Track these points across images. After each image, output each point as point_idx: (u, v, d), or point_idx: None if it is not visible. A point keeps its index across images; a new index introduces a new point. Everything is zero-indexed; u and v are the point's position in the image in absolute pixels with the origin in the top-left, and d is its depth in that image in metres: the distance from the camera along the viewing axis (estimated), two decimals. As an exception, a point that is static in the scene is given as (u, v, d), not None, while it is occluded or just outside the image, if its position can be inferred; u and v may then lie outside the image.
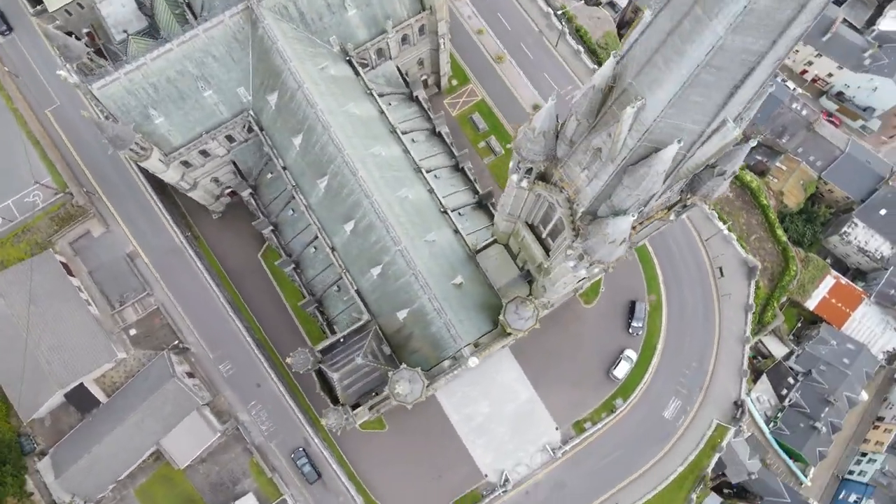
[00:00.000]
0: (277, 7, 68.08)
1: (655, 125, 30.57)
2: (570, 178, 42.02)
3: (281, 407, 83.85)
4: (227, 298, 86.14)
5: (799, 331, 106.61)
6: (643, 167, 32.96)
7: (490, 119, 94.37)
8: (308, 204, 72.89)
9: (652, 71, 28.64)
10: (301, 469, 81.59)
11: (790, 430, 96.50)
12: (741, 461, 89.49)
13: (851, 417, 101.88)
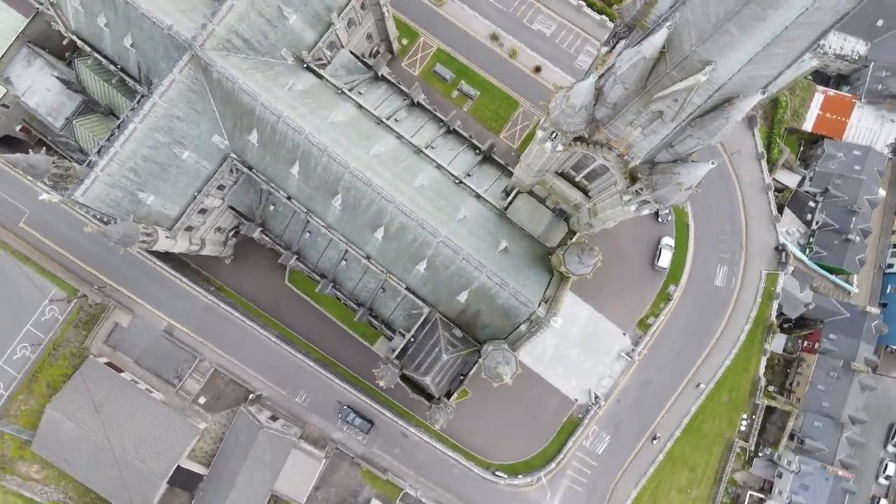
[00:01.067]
0: (221, 44, 63.84)
1: (729, 82, 29.89)
2: (620, 136, 41.35)
3: (368, 411, 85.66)
4: (274, 334, 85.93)
5: (804, 154, 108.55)
6: (719, 118, 32.57)
7: (453, 65, 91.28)
8: (327, 224, 71.57)
9: (722, 38, 27.72)
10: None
11: (826, 250, 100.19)
12: (795, 297, 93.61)
13: (876, 217, 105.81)
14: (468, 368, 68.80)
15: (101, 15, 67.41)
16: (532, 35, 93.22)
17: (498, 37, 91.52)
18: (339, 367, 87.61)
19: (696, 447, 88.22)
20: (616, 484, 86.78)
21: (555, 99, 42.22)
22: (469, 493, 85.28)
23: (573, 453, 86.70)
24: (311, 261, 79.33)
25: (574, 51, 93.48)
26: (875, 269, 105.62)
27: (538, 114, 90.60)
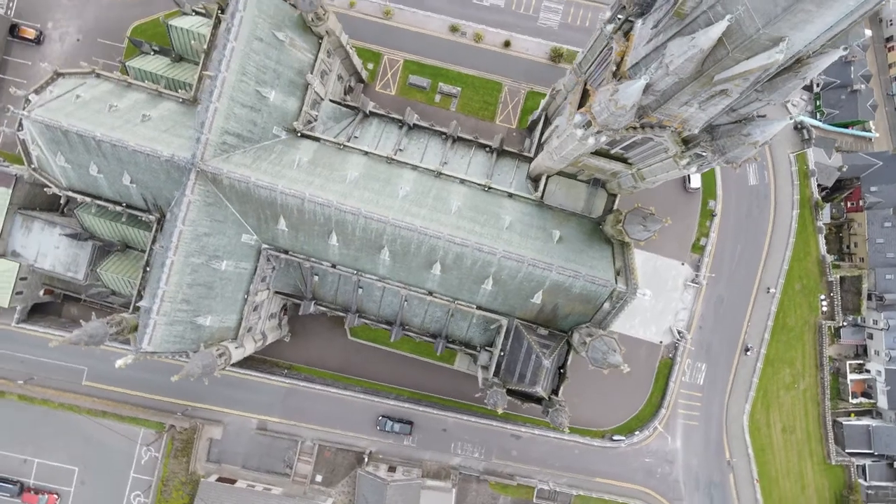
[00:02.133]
0: (218, 149, 62.65)
1: (805, 48, 29.29)
2: (672, 115, 40.71)
3: (473, 428, 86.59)
4: (359, 390, 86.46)
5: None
6: (793, 79, 32.00)
7: (425, 71, 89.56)
8: (380, 276, 71.10)
9: (796, 16, 27.01)
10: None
11: (837, 108, 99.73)
12: (826, 165, 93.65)
13: (870, 58, 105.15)
14: (563, 360, 69.27)
15: (90, 165, 66.06)
16: (488, 12, 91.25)
17: (457, 27, 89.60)
18: (430, 398, 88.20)
19: (787, 343, 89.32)
20: (727, 405, 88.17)
21: (597, 102, 41.43)
22: (596, 466, 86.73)
23: (677, 392, 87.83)
24: (371, 314, 79.11)
25: (533, 11, 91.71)
26: (888, 109, 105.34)
27: (524, 88, 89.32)
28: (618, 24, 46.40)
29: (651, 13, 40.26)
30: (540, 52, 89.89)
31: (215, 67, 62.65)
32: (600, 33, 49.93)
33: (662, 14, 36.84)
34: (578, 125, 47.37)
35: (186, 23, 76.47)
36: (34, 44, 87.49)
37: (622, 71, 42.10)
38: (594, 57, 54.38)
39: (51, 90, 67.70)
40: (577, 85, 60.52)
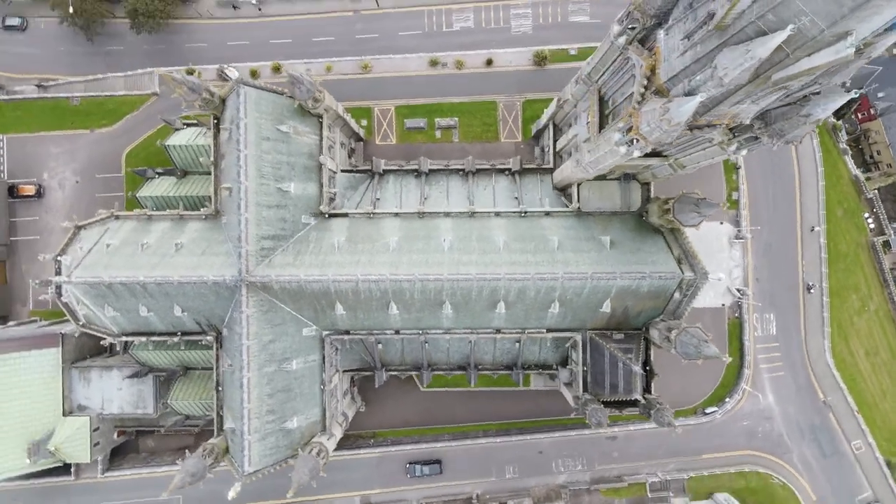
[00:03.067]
0: (259, 256, 62.47)
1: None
2: (722, 114, 40.40)
3: (568, 442, 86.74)
4: (448, 437, 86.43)
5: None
6: (857, 62, 31.60)
7: (418, 111, 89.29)
8: (445, 329, 70.68)
9: (863, 13, 26.65)
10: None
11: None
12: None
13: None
14: (646, 357, 68.93)
15: (139, 308, 65.79)
16: (461, 36, 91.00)
17: (436, 60, 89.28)
18: (517, 424, 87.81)
19: (846, 270, 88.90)
20: (806, 347, 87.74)
21: (646, 123, 41.05)
22: (697, 443, 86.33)
23: (754, 349, 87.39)
24: (441, 364, 78.68)
25: (503, 23, 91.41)
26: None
27: (518, 99, 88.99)
28: (630, 35, 46.13)
29: (673, 24, 39.92)
30: (523, 60, 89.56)
31: (234, 178, 62.56)
32: (611, 45, 49.54)
33: (694, 26, 36.45)
34: (621, 143, 46.96)
35: (182, 138, 76.27)
36: (36, 198, 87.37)
37: (658, 85, 41.77)
38: (605, 67, 53.98)
39: (80, 246, 67.39)
40: (589, 94, 60.17)
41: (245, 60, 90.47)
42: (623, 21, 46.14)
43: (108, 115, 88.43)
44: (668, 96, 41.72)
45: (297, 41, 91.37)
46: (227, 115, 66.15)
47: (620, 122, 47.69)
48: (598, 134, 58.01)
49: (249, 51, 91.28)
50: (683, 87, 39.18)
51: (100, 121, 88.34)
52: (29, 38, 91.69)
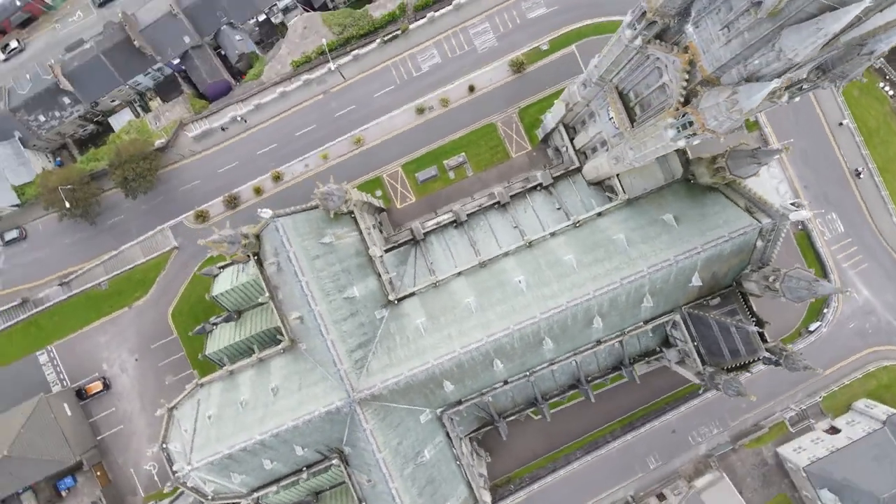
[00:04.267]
0: (356, 371, 62.06)
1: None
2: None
3: (694, 412, 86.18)
4: (581, 453, 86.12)
5: None
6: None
7: (424, 161, 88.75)
8: (549, 361, 69.77)
9: None
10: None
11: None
12: None
13: None
14: (749, 310, 68.25)
15: (263, 462, 65.35)
16: (433, 74, 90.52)
17: (421, 107, 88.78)
18: (639, 413, 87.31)
19: (884, 142, 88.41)
20: (878, 231, 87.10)
21: (713, 117, 40.40)
22: (816, 362, 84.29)
23: (830, 252, 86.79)
24: (553, 391, 78.12)
25: (468, 45, 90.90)
26: None
27: (512, 112, 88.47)
28: (647, 35, 45.59)
29: (701, 16, 39.40)
30: (501, 73, 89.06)
31: (302, 307, 62.29)
32: (625, 48, 49.05)
33: (734, 15, 35.89)
34: (678, 137, 46.33)
35: (226, 283, 75.84)
36: (105, 391, 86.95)
37: (706, 76, 41.25)
38: (620, 67, 53.42)
39: (184, 429, 66.97)
40: (605, 93, 59.58)
41: (240, 182, 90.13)
42: (635, 25, 45.69)
43: (139, 285, 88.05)
44: (719, 84, 41.22)
45: (282, 142, 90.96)
46: (267, 249, 65.52)
47: (667, 117, 46.99)
48: (630, 128, 57.48)
49: (241, 170, 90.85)
50: (739, 73, 38.67)
51: (133, 294, 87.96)
52: (32, 244, 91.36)
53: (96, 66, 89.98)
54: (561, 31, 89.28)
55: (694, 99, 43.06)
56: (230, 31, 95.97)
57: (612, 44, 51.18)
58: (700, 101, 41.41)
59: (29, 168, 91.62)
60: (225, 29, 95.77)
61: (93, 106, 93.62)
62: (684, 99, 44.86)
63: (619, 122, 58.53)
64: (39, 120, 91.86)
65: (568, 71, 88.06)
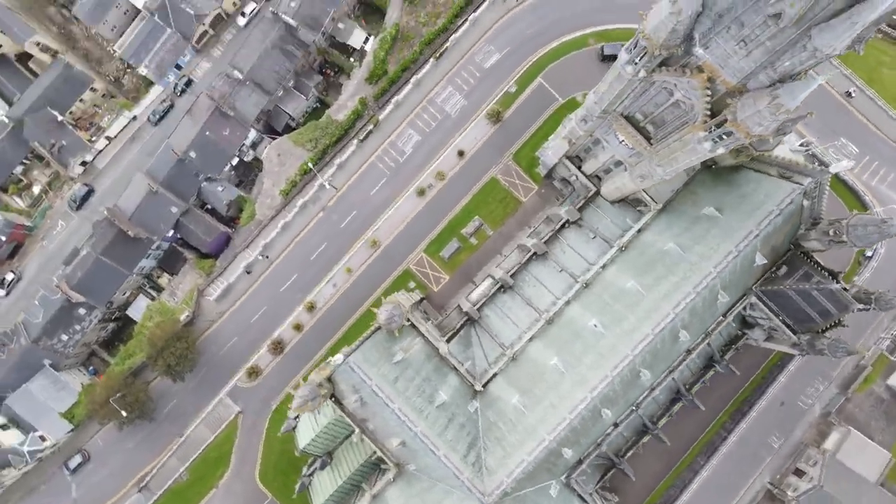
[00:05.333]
0: (475, 473, 60.41)
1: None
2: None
3: (791, 377, 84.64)
4: (703, 459, 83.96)
5: None
6: None
7: (444, 239, 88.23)
8: (650, 387, 68.47)
9: None
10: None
11: None
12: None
13: None
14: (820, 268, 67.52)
15: None
16: (418, 154, 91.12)
17: (421, 189, 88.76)
18: (741, 397, 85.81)
19: (857, 57, 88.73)
20: (886, 136, 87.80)
21: (756, 123, 40.25)
22: (888, 286, 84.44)
23: (855, 178, 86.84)
24: (658, 412, 76.48)
25: (441, 115, 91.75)
26: None
27: (508, 160, 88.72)
28: (649, 67, 45.73)
29: (710, 37, 39.55)
30: (483, 128, 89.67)
31: (402, 432, 61.63)
32: (629, 82, 49.22)
33: (749, 30, 36.03)
34: (716, 148, 46.17)
35: (308, 432, 73.87)
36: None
37: (731, 87, 41.32)
38: (623, 98, 53.54)
39: None
40: (611, 121, 59.57)
41: (276, 324, 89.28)
42: (636, 61, 45.84)
43: (218, 462, 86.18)
44: (747, 91, 41.24)
45: (301, 271, 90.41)
46: (343, 388, 64.42)
47: (697, 131, 46.94)
48: (650, 147, 57.37)
49: (272, 312, 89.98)
50: (768, 76, 38.67)
51: (216, 473, 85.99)
52: (98, 462, 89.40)
53: (99, 268, 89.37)
54: (522, 69, 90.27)
55: (725, 110, 42.95)
56: (210, 185, 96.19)
57: (612, 80, 51.39)
58: (737, 112, 41.24)
59: (69, 389, 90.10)
60: (205, 185, 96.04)
61: (108, 306, 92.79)
62: (710, 112, 44.80)
63: (635, 144, 58.52)
64: (63, 340, 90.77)
65: (543, 103, 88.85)
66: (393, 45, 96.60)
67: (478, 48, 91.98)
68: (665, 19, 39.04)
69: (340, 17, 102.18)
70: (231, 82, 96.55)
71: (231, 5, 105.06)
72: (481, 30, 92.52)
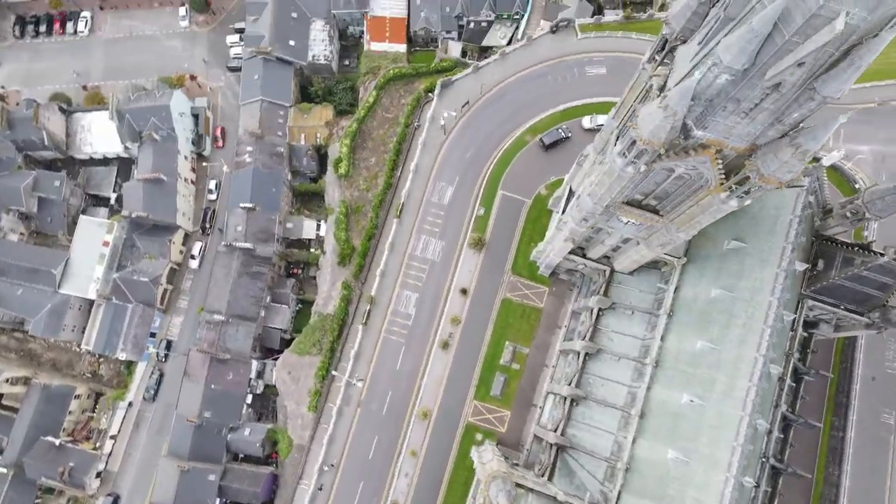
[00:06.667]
0: None
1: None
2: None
3: (869, 344, 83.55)
4: (834, 486, 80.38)
5: None
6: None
7: (486, 378, 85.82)
8: (768, 429, 65.67)
9: None
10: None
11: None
12: None
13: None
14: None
15: None
16: (422, 310, 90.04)
17: (443, 341, 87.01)
18: (833, 391, 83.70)
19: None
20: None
21: (782, 173, 40.81)
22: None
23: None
24: (777, 449, 73.48)
25: (426, 265, 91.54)
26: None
27: (507, 277, 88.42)
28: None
29: (706, 123, 40.74)
30: (471, 259, 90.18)
31: None
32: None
33: (748, 104, 37.21)
34: (742, 202, 46.62)
35: None
36: None
37: (744, 150, 42.39)
38: (622, 191, 54.23)
39: None
40: (615, 209, 59.86)
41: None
42: (634, 160, 46.60)
43: None
44: (758, 148, 42.23)
45: (365, 473, 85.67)
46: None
47: (717, 193, 47.39)
48: (661, 220, 57.75)
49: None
50: (778, 131, 39.82)
51: None
52: None
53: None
54: (480, 190, 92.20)
55: (744, 169, 43.62)
56: (236, 435, 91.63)
57: (612, 181, 51.94)
58: (760, 168, 41.85)
59: None
60: (231, 438, 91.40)
61: None
62: (724, 175, 45.50)
63: (645, 221, 58.92)
64: None
65: (514, 210, 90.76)
66: (347, 220, 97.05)
67: (430, 190, 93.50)
68: (661, 123, 40.00)
69: (285, 217, 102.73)
70: (215, 326, 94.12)
71: (178, 254, 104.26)
72: (425, 173, 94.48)
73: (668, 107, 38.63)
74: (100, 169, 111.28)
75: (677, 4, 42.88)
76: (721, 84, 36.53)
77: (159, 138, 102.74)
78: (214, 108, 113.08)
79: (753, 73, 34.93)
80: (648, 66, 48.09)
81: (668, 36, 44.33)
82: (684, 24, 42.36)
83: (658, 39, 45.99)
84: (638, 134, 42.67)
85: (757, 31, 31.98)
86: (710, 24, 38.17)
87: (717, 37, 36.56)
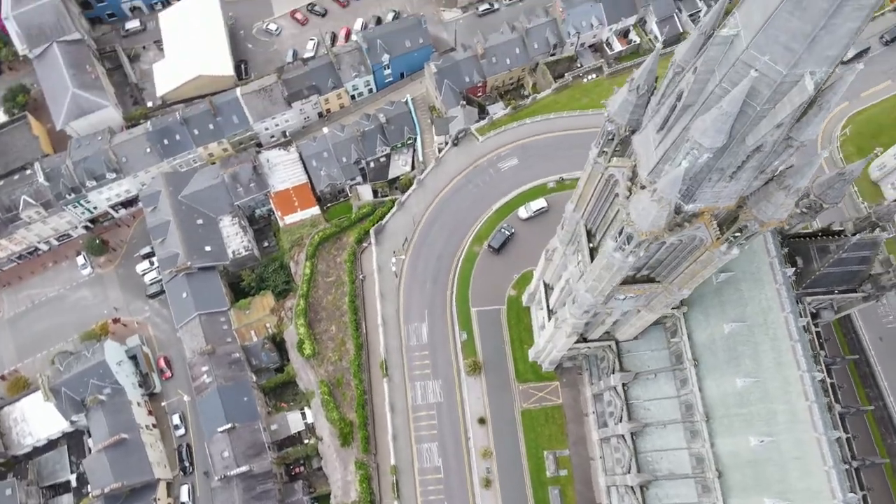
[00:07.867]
0: None
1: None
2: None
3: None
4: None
5: None
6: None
7: (539, 497, 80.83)
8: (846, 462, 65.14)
9: (816, 48, 29.31)
10: None
11: None
12: None
13: None
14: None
15: None
16: (447, 457, 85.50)
17: (485, 480, 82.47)
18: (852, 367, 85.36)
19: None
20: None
21: (780, 214, 41.88)
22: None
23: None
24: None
25: (430, 409, 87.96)
26: None
27: (520, 385, 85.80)
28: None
29: (689, 196, 41.46)
30: (475, 386, 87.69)
31: None
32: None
33: (667, 113, 38.30)
34: (743, 247, 47.44)
35: None
36: None
37: (734, 207, 43.21)
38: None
39: None
40: (614, 293, 59.51)
41: None
42: (634, 252, 46.64)
43: None
44: (746, 201, 43.24)
45: None
46: None
47: (715, 248, 48.01)
48: (660, 286, 58.00)
49: None
50: (761, 180, 41.04)
51: None
52: None
53: None
54: (452, 316, 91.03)
55: (738, 220, 44.47)
56: None
57: (612, 274, 51.77)
58: (756, 215, 42.79)
59: None
60: None
61: None
62: (719, 228, 46.24)
63: (644, 292, 59.01)
64: None
65: (494, 321, 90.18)
66: (334, 398, 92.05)
67: (406, 335, 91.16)
68: (657, 214, 40.36)
69: (267, 421, 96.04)
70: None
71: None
72: (393, 322, 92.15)
73: (662, 199, 39.05)
74: (49, 455, 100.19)
75: (614, 102, 44.61)
76: (703, 162, 37.39)
77: (105, 398, 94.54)
78: (150, 341, 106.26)
79: (732, 144, 36.03)
80: (601, 160, 49.42)
81: (614, 131, 45.80)
82: (628, 117, 44.02)
83: (602, 135, 47.49)
84: (636, 229, 42.83)
85: (729, 111, 33.01)
86: (664, 112, 39.46)
87: (680, 123, 37.71)
